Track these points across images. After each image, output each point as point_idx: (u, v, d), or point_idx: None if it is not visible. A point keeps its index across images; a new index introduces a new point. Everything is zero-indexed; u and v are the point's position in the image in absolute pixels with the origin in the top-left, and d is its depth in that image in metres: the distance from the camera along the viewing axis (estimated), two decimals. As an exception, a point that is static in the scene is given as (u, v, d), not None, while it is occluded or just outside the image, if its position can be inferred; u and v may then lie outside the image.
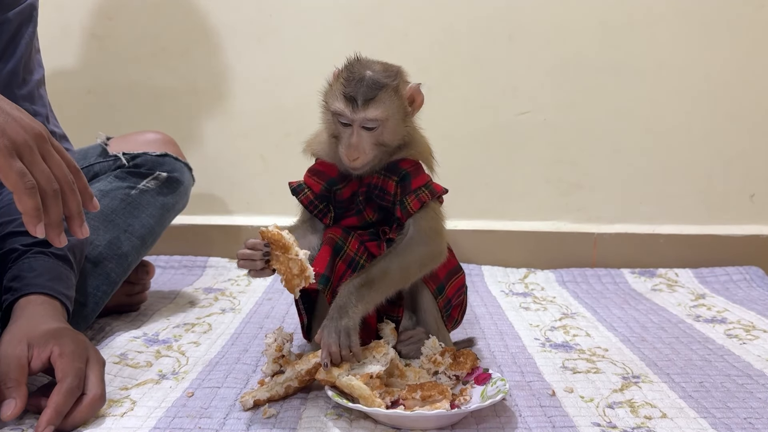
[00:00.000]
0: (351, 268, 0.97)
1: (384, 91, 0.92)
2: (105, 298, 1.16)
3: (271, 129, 1.77)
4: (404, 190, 0.97)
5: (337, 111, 0.93)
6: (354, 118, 0.92)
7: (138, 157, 1.29)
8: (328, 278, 0.95)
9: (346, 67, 0.95)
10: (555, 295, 1.52)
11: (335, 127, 0.96)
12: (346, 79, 0.93)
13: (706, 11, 1.69)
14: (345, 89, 0.92)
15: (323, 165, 1.01)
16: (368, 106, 0.92)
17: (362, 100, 0.91)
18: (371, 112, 0.92)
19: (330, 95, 0.95)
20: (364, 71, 0.93)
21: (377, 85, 0.92)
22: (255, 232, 1.73)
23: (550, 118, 1.74)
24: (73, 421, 0.79)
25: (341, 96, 0.93)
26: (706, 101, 1.72)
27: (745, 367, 1.05)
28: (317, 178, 1.01)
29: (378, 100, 0.92)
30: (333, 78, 0.97)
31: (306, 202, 1.01)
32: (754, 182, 1.75)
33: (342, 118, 0.93)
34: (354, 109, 0.92)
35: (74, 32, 1.76)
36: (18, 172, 0.73)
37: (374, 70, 0.93)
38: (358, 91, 0.91)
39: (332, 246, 0.97)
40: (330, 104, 0.95)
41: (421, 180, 0.98)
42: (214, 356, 1.07)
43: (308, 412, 0.86)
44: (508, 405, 0.89)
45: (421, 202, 0.96)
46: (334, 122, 0.95)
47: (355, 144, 0.93)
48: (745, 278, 1.62)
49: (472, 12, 1.71)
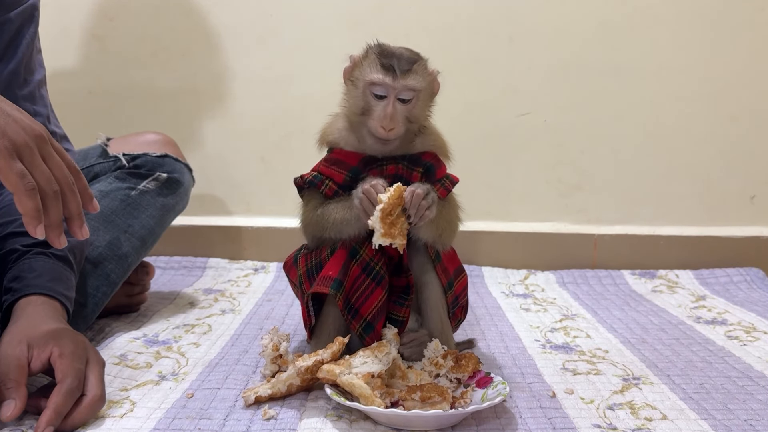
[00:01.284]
0: (365, 273, 0.97)
1: (419, 64, 0.96)
2: (105, 298, 1.16)
3: (272, 130, 1.77)
4: (429, 180, 0.99)
5: (376, 81, 0.94)
6: (394, 86, 0.94)
7: (138, 158, 1.29)
8: (341, 283, 0.95)
9: (374, 46, 0.97)
10: (555, 297, 1.52)
11: (366, 102, 0.96)
12: (379, 53, 0.95)
13: (706, 13, 1.69)
14: (382, 60, 0.94)
15: (342, 154, 1.00)
16: (408, 76, 0.94)
17: (401, 70, 0.93)
18: (410, 81, 0.94)
19: (363, 69, 0.96)
20: (395, 48, 0.96)
21: (412, 58, 0.96)
22: (255, 234, 1.76)
23: (551, 119, 1.74)
24: (72, 422, 0.79)
25: (379, 66, 0.94)
26: (706, 103, 1.72)
27: (745, 368, 1.05)
28: (338, 168, 0.99)
29: (415, 71, 0.95)
30: (359, 57, 0.98)
31: (330, 193, 0.99)
32: (755, 184, 1.75)
33: (379, 88, 0.94)
34: (394, 78, 0.93)
35: (75, 33, 1.76)
36: (18, 173, 0.73)
37: (401, 48, 0.97)
38: (397, 62, 0.94)
39: (348, 249, 0.97)
40: (364, 75, 0.95)
41: (443, 171, 1.02)
42: (213, 357, 1.07)
43: (308, 413, 0.86)
44: (509, 406, 0.89)
45: (447, 190, 1.01)
46: (366, 96, 0.96)
47: (391, 114, 0.94)
48: (746, 280, 1.62)
49: (473, 13, 1.71)
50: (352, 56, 0.99)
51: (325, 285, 0.94)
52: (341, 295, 0.95)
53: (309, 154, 1.05)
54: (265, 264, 1.73)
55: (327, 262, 0.97)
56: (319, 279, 0.96)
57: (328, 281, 0.94)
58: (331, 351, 0.90)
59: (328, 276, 0.95)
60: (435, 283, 1.01)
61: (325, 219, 0.97)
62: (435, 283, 1.01)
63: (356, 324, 0.96)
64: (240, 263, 1.74)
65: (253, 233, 1.78)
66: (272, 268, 1.71)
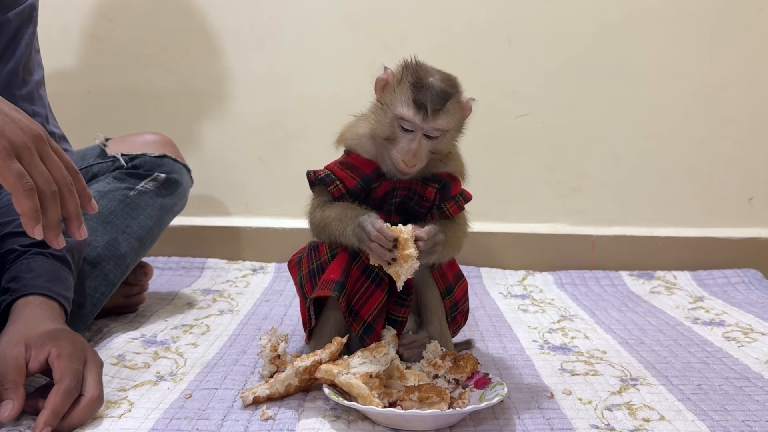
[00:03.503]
0: (365, 275, 0.97)
1: (451, 102, 0.91)
2: (103, 299, 1.16)
3: (270, 131, 1.77)
4: (443, 197, 0.98)
5: (405, 117, 0.91)
6: (422, 127, 0.91)
7: (137, 159, 1.29)
8: (344, 285, 0.95)
9: (411, 71, 0.92)
10: (553, 298, 1.52)
11: (392, 131, 0.93)
12: (413, 84, 0.90)
13: (704, 15, 1.69)
14: (415, 96, 0.90)
15: (358, 160, 0.98)
16: (438, 116, 0.90)
17: (433, 109, 0.90)
18: (440, 122, 0.91)
19: (394, 98, 0.92)
20: (429, 78, 0.91)
21: (446, 95, 0.91)
22: (253, 234, 1.76)
23: (549, 120, 1.74)
24: (70, 423, 0.79)
25: (411, 102, 0.90)
26: (705, 104, 1.73)
27: (743, 369, 1.05)
28: (351, 173, 0.98)
29: (446, 110, 0.91)
30: (393, 78, 0.94)
31: (337, 194, 0.98)
32: (753, 185, 1.75)
33: (407, 124, 0.91)
34: (424, 118, 0.90)
35: (74, 33, 1.76)
36: (16, 173, 0.73)
37: (437, 77, 0.92)
38: (430, 100, 0.89)
39: (349, 252, 0.97)
40: (394, 107, 0.92)
41: (458, 188, 1.00)
42: (212, 358, 1.07)
43: (306, 413, 0.86)
44: (507, 407, 0.89)
45: (460, 208, 1.00)
46: (393, 126, 0.93)
47: (415, 150, 0.91)
48: (744, 281, 1.62)
49: (472, 15, 1.71)
50: (388, 71, 0.94)
51: (327, 288, 0.95)
52: (343, 297, 0.95)
53: (307, 155, 1.05)
54: (264, 264, 1.73)
55: (329, 266, 0.98)
56: (321, 283, 0.96)
57: (330, 284, 0.95)
58: (329, 351, 0.90)
59: (330, 279, 0.95)
60: (433, 288, 1.02)
61: (324, 225, 0.97)
62: (433, 288, 1.02)
63: (357, 326, 0.97)
64: (238, 264, 1.74)
65: (252, 234, 1.78)
66: (271, 268, 1.71)
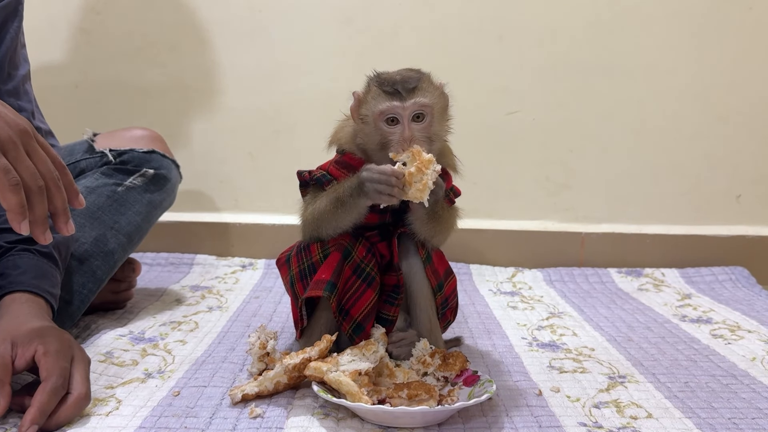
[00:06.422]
0: (356, 274, 0.97)
1: (422, 80, 0.93)
2: (91, 295, 1.15)
3: (260, 126, 1.77)
4: None
5: (384, 109, 0.92)
6: (405, 107, 0.92)
7: (125, 154, 1.29)
8: (335, 285, 0.95)
9: (374, 77, 0.95)
10: (542, 295, 1.52)
11: (381, 134, 0.94)
12: (380, 82, 0.93)
13: (695, 13, 1.70)
14: (385, 88, 0.92)
15: (354, 159, 0.99)
16: (413, 93, 0.92)
17: (405, 89, 0.92)
18: (419, 98, 0.92)
19: (368, 104, 0.94)
20: (393, 74, 0.94)
21: (414, 75, 0.94)
22: (243, 230, 1.76)
23: (539, 118, 1.74)
24: (57, 421, 0.78)
25: (384, 94, 0.92)
26: (694, 102, 1.73)
27: (729, 367, 1.06)
28: (347, 172, 0.98)
29: (420, 88, 0.93)
30: (362, 94, 0.96)
31: None
32: (741, 183, 1.76)
33: (390, 113, 0.92)
34: (401, 100, 0.92)
35: (61, 27, 1.75)
36: (2, 168, 0.72)
37: (400, 71, 0.95)
38: (400, 83, 0.92)
39: (341, 251, 0.97)
40: (373, 108, 0.93)
41: (449, 182, 1.02)
42: (200, 355, 1.07)
43: (295, 411, 0.86)
44: (495, 404, 0.89)
45: (451, 201, 1.02)
46: (379, 128, 0.93)
47: (409, 137, 0.92)
48: (731, 278, 1.63)
49: (462, 11, 1.71)
50: (355, 93, 0.97)
51: (318, 288, 0.95)
52: (335, 297, 0.95)
53: (297, 150, 1.05)
54: (253, 261, 1.73)
55: (320, 266, 0.98)
56: (313, 283, 0.96)
57: (321, 284, 0.95)
58: (318, 349, 0.90)
59: (322, 279, 0.95)
60: (425, 284, 1.01)
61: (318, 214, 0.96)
62: (425, 284, 1.01)
63: (347, 325, 0.97)
64: (227, 260, 1.73)
65: (241, 229, 1.77)
66: (260, 264, 1.70)
